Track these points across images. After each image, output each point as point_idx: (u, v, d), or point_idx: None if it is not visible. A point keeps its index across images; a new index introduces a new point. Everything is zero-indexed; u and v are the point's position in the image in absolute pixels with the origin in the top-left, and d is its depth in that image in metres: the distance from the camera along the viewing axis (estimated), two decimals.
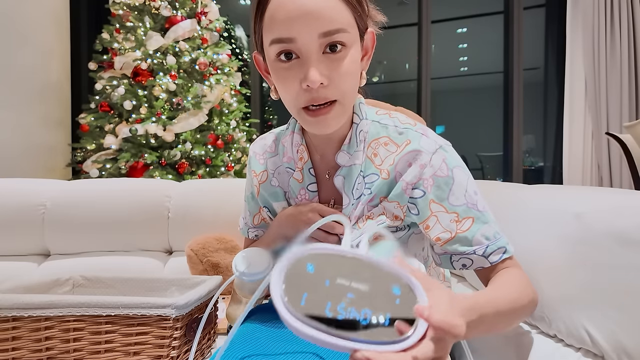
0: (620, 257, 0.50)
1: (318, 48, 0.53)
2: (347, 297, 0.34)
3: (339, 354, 0.53)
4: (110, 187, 1.36)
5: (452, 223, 0.59)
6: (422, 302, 0.35)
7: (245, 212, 0.82)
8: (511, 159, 3.21)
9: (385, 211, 0.64)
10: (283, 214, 0.70)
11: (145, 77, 2.40)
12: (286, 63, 0.55)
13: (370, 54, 0.63)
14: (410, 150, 0.61)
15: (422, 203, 0.60)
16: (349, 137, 0.64)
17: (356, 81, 0.59)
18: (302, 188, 0.69)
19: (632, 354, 0.47)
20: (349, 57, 0.55)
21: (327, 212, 0.65)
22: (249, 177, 0.78)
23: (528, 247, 0.66)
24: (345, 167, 0.64)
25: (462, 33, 5.92)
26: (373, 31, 0.62)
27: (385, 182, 0.62)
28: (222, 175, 2.54)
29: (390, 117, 0.66)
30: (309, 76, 0.53)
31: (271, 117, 5.11)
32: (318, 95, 0.55)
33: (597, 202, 0.58)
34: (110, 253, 1.32)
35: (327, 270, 0.36)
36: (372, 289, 0.35)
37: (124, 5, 2.47)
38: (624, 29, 2.74)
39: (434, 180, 0.60)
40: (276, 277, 0.34)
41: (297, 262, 0.36)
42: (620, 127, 2.67)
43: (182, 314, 0.67)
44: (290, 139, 0.70)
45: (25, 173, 2.28)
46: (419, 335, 0.34)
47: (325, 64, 0.54)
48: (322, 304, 0.33)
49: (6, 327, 0.65)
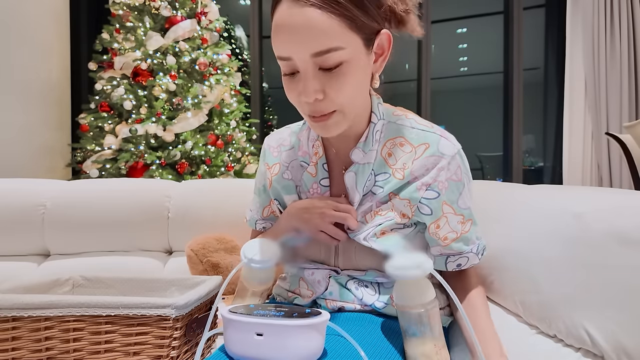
0: (620, 257, 0.50)
1: (312, 66, 0.55)
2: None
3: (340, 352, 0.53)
4: (110, 187, 1.36)
5: (459, 224, 0.65)
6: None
7: (254, 204, 0.84)
8: (511, 159, 3.21)
9: (394, 208, 0.65)
10: (295, 207, 0.71)
11: (145, 77, 2.40)
12: (290, 77, 0.58)
13: (386, 54, 0.62)
14: (429, 155, 0.63)
15: (436, 204, 0.64)
16: (365, 135, 0.65)
17: (360, 89, 0.60)
18: (315, 182, 0.70)
19: (632, 354, 0.47)
20: (347, 71, 0.55)
21: (342, 208, 0.66)
22: (261, 169, 0.80)
23: (528, 247, 0.66)
24: (358, 164, 0.66)
25: (462, 33, 5.92)
26: (388, 32, 0.61)
27: (400, 182, 0.64)
28: (222, 175, 2.54)
29: (407, 117, 0.68)
30: (303, 92, 0.56)
31: (271, 117, 5.11)
32: (315, 109, 0.58)
33: (597, 202, 0.58)
34: (110, 253, 1.32)
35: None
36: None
37: (124, 5, 2.47)
38: (624, 29, 2.74)
39: (448, 184, 0.63)
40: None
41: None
42: (620, 127, 2.67)
43: (182, 314, 0.67)
44: (306, 134, 0.72)
45: (25, 173, 2.28)
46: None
47: (321, 80, 0.55)
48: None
49: (6, 327, 0.65)
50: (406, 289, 0.54)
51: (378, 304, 0.66)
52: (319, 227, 0.66)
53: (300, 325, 0.48)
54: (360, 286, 0.67)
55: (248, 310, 0.53)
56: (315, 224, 0.66)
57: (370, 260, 0.67)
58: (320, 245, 0.70)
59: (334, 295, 0.67)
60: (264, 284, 0.67)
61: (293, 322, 0.48)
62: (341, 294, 0.67)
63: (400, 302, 0.55)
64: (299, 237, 0.66)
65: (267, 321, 0.49)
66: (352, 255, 0.68)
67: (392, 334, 0.62)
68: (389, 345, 0.59)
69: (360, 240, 0.65)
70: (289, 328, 0.48)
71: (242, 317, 0.50)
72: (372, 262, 0.67)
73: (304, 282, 0.71)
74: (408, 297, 0.54)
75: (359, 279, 0.68)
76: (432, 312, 0.54)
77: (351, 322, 0.62)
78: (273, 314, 0.51)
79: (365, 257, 0.67)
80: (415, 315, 0.53)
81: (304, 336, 0.49)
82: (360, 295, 0.66)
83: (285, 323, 0.48)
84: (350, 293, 0.67)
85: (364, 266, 0.68)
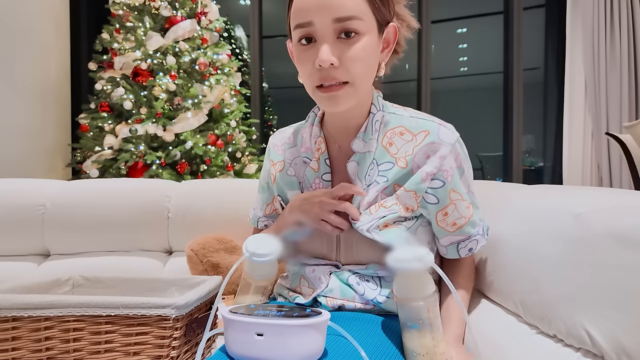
0: (620, 257, 0.50)
1: (332, 32, 0.59)
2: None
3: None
4: (110, 187, 1.36)
5: (466, 209, 0.68)
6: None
7: (257, 202, 0.86)
8: (511, 159, 3.21)
9: (398, 201, 0.66)
10: (295, 200, 0.73)
11: (145, 77, 2.40)
12: (305, 46, 0.61)
13: (391, 47, 0.67)
14: (429, 142, 0.65)
15: (443, 192, 0.66)
16: (365, 125, 0.68)
17: (370, 68, 0.63)
18: (317, 177, 0.72)
19: (632, 354, 0.47)
20: (362, 43, 0.59)
21: (339, 192, 0.67)
22: (266, 167, 0.82)
23: (528, 247, 0.66)
24: (359, 154, 0.68)
25: (462, 33, 5.92)
26: (395, 26, 0.66)
27: (403, 170, 0.66)
28: (222, 175, 2.54)
29: (405, 109, 0.72)
30: (320, 55, 0.58)
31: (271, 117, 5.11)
32: (328, 75, 0.60)
33: (597, 202, 0.58)
34: (110, 253, 1.32)
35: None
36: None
37: (124, 6, 2.47)
38: (624, 29, 2.74)
39: (453, 172, 0.65)
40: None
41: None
42: (620, 127, 2.67)
43: (182, 314, 0.67)
44: (309, 131, 0.74)
45: (25, 173, 2.28)
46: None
47: (338, 47, 0.59)
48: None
49: (6, 327, 0.65)
50: (407, 282, 0.55)
51: (380, 298, 0.66)
52: (319, 216, 0.67)
53: (300, 325, 0.48)
54: (361, 281, 0.68)
55: (248, 310, 0.53)
56: (316, 213, 0.67)
57: (371, 254, 0.67)
58: (322, 239, 0.70)
59: (335, 293, 0.68)
60: (267, 278, 0.67)
61: (293, 322, 0.48)
62: (342, 290, 0.67)
63: (401, 295, 0.55)
64: (301, 231, 0.67)
65: (268, 321, 0.49)
66: (353, 249, 0.68)
67: (393, 334, 0.62)
68: (390, 344, 0.59)
69: (363, 231, 0.65)
70: (289, 328, 0.48)
71: (243, 317, 0.50)
72: (373, 256, 0.67)
73: (305, 280, 0.72)
74: (408, 290, 0.54)
75: (360, 273, 0.68)
76: (432, 306, 0.55)
77: (351, 322, 0.63)
78: (274, 314, 0.51)
79: (366, 250, 0.67)
80: (415, 308, 0.54)
81: (304, 336, 0.49)
82: (361, 290, 0.66)
83: (286, 323, 0.48)
84: (351, 289, 0.67)
85: (365, 259, 0.68)
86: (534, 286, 0.63)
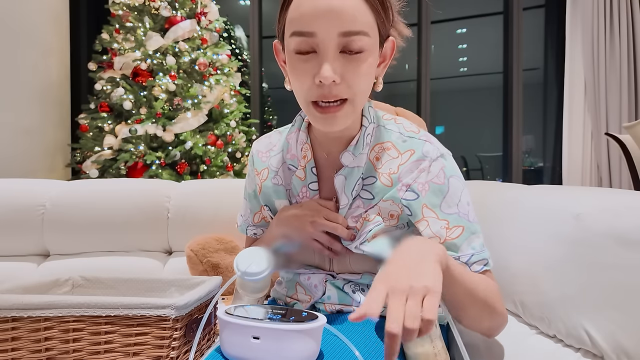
0: (620, 258, 0.50)
1: (336, 46, 0.54)
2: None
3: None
4: (110, 187, 1.35)
5: (442, 229, 0.60)
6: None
7: (244, 209, 0.81)
8: (511, 159, 3.21)
9: (380, 211, 0.64)
10: (285, 214, 0.70)
11: (145, 78, 2.40)
12: (303, 56, 0.55)
13: (387, 62, 0.64)
14: (414, 161, 0.62)
15: (415, 205, 0.62)
16: (356, 139, 0.64)
17: (370, 84, 0.60)
18: (304, 186, 0.69)
19: (632, 354, 0.47)
20: (366, 60, 0.55)
21: (333, 217, 0.65)
22: (250, 174, 0.78)
23: (528, 247, 0.66)
24: (347, 168, 0.64)
25: (461, 33, 5.92)
26: (394, 40, 0.62)
27: (387, 188, 0.63)
28: (222, 175, 2.54)
29: (396, 122, 0.67)
30: (322, 72, 0.53)
31: (271, 118, 5.11)
32: (329, 92, 0.55)
33: (597, 202, 0.58)
34: (110, 253, 1.32)
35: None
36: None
37: (124, 6, 2.47)
38: (624, 29, 2.74)
39: (429, 186, 0.61)
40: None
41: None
42: (619, 128, 2.67)
43: (181, 315, 0.67)
44: (295, 136, 0.69)
45: (25, 173, 2.28)
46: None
47: (341, 63, 0.54)
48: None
49: (6, 328, 0.65)
50: None
51: None
52: (311, 236, 0.65)
53: (296, 329, 0.48)
54: (357, 290, 0.67)
55: (245, 312, 0.53)
56: (307, 232, 0.65)
57: (365, 264, 0.66)
58: (314, 250, 0.69)
59: (333, 299, 0.67)
60: (260, 292, 0.67)
61: (290, 327, 0.48)
62: (340, 297, 0.67)
63: None
64: (291, 243, 0.65)
65: (264, 325, 0.49)
66: (346, 259, 0.67)
67: None
68: None
69: (352, 248, 0.64)
70: (285, 332, 0.48)
71: (239, 319, 0.51)
72: (366, 265, 0.66)
73: (301, 286, 0.71)
74: None
75: (355, 282, 0.67)
76: None
77: (349, 324, 0.62)
78: (270, 317, 0.51)
79: (359, 261, 0.66)
80: None
81: (300, 340, 0.49)
82: (358, 299, 0.66)
83: (282, 327, 0.48)
84: (348, 296, 0.67)
85: (359, 269, 0.67)
86: (534, 286, 0.63)
